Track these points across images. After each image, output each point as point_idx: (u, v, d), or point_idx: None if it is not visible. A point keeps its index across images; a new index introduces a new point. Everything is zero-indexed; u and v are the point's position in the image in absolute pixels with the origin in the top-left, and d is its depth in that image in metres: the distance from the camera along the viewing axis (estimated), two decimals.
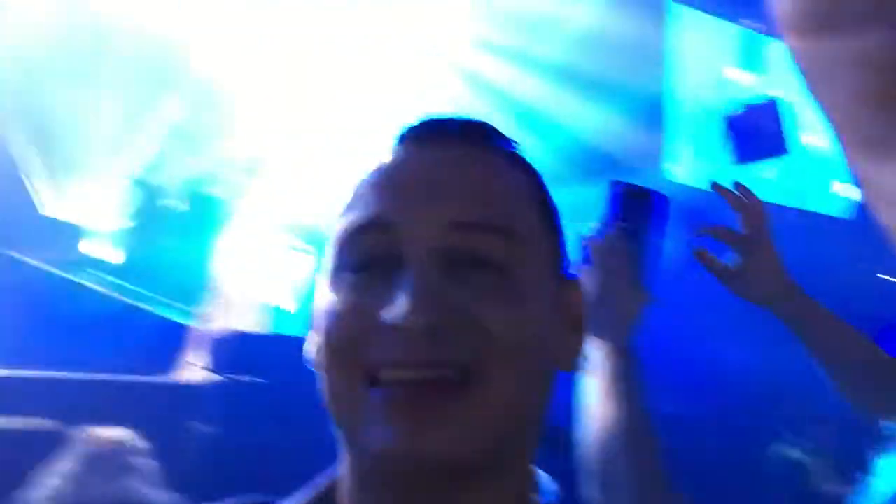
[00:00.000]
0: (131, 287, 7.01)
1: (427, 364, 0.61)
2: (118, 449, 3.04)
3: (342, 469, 0.69)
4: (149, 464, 3.07)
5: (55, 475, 3.01)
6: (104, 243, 7.56)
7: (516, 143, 0.73)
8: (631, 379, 1.24)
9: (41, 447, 3.80)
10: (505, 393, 0.62)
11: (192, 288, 6.58)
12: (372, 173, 0.69)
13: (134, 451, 3.07)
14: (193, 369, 5.36)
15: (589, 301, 1.27)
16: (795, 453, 4.58)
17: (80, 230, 7.71)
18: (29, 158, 7.49)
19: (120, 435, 3.11)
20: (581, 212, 1.32)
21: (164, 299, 6.86)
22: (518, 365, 0.63)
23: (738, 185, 1.36)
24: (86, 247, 7.48)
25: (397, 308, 0.61)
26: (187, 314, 6.31)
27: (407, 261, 0.63)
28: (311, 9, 6.81)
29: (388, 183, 0.67)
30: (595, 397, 1.23)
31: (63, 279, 6.81)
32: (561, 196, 0.71)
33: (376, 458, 0.63)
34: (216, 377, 4.85)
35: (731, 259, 1.34)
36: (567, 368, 0.70)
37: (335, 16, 6.96)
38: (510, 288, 0.64)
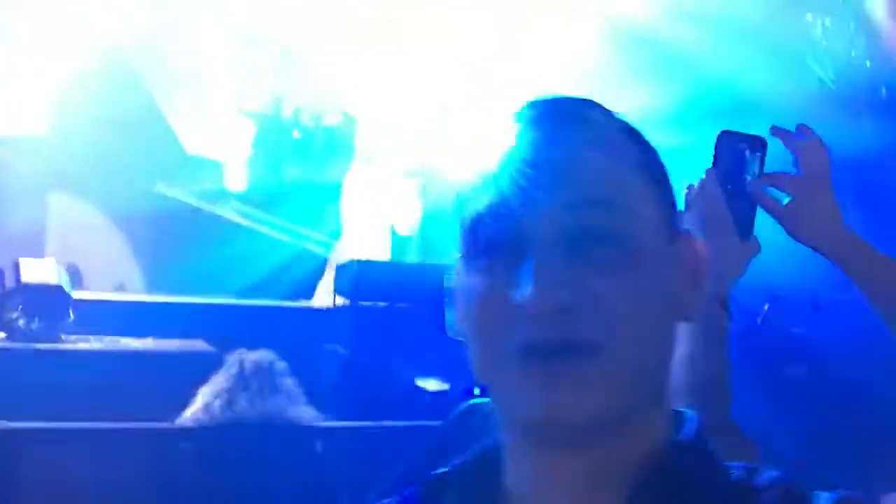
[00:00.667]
0: (269, 218, 7.49)
1: (557, 339, 0.67)
2: (264, 370, 3.40)
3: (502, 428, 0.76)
4: (291, 383, 3.42)
5: (208, 393, 3.40)
6: (240, 176, 8.06)
7: (621, 116, 0.78)
8: (710, 326, 1.22)
9: (188, 367, 4.28)
10: (631, 358, 0.69)
11: (323, 216, 6.98)
12: (488, 158, 0.75)
13: (278, 371, 3.42)
14: (325, 295, 5.80)
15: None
16: None
17: (219, 165, 8.27)
18: (169, 100, 8.04)
19: (265, 356, 3.46)
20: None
21: (299, 228, 7.33)
22: (642, 331, 0.69)
23: (800, 126, 1.35)
24: (225, 180, 8.00)
25: (525, 290, 0.67)
26: (320, 243, 6.72)
27: (530, 243, 0.69)
28: None
29: (503, 168, 0.73)
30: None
31: (205, 211, 7.35)
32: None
33: (521, 424, 0.71)
34: (345, 302, 5.23)
35: (787, 199, 1.33)
36: (690, 320, 0.76)
37: None
38: (629, 259, 0.69)
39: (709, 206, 1.28)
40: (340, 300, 5.19)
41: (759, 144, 1.29)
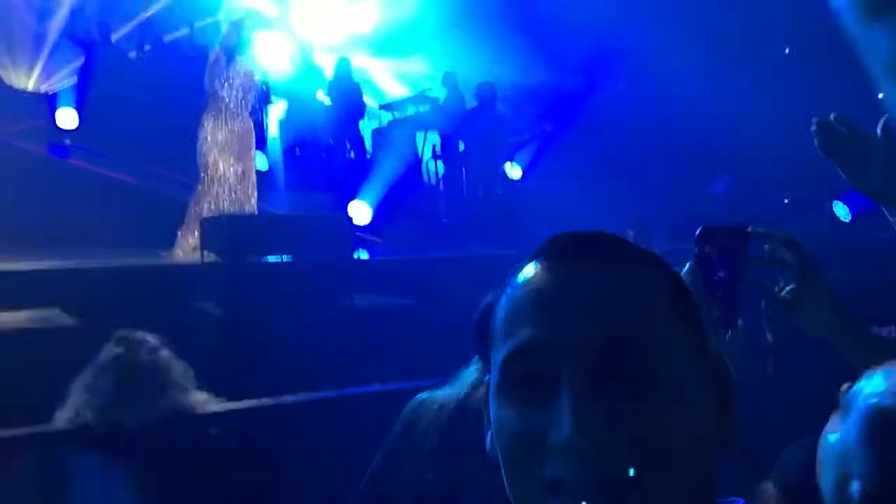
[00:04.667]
0: (106, 156, 6.87)
1: (594, 476, 0.68)
2: (150, 365, 3.06)
3: None
4: (180, 368, 3.12)
5: (83, 392, 3.03)
6: (69, 111, 7.31)
7: (646, 250, 0.80)
8: None
9: (48, 346, 3.87)
10: (670, 489, 0.70)
11: (173, 153, 6.47)
12: (521, 295, 0.77)
13: (163, 361, 3.10)
14: (186, 249, 5.40)
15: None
16: None
17: (46, 99, 7.49)
18: None
19: (147, 348, 3.12)
20: None
21: (143, 166, 6.77)
22: (681, 460, 0.71)
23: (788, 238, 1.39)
24: (57, 116, 7.24)
25: (562, 430, 0.69)
26: (172, 183, 6.23)
27: (565, 380, 0.71)
28: None
29: (537, 306, 0.75)
30: None
31: (40, 154, 6.65)
32: None
33: None
34: (213, 258, 4.88)
35: (787, 289, 1.39)
36: (725, 441, 0.77)
37: None
38: (661, 392, 0.71)
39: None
40: (211, 255, 4.82)
41: (740, 236, 1.33)
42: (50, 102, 7.46)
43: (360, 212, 7.38)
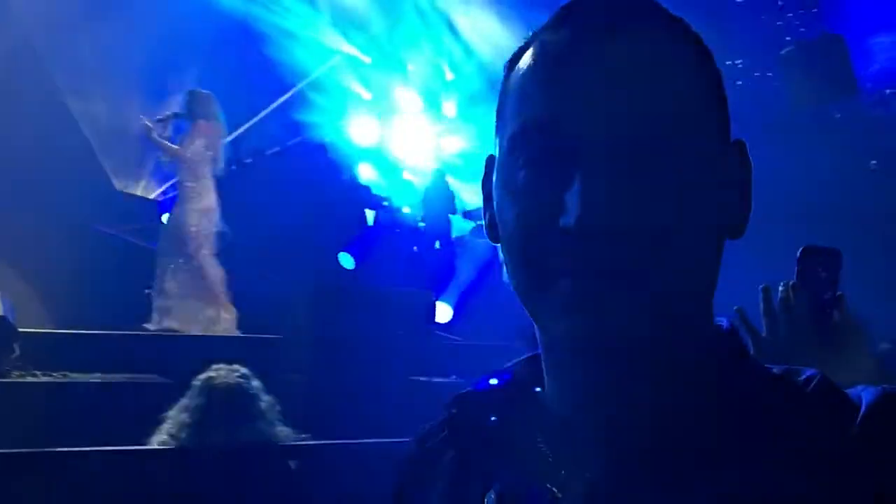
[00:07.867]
0: None
1: (601, 264, 0.64)
2: (235, 394, 3.27)
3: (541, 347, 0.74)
4: (268, 402, 3.32)
5: (175, 419, 3.25)
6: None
7: (683, 22, 0.71)
8: None
9: (144, 399, 4.16)
10: (678, 282, 0.65)
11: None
12: (535, 67, 0.68)
13: (250, 393, 3.30)
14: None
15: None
16: None
17: (149, 202, 8.13)
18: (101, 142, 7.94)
19: (235, 378, 3.33)
20: None
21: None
22: (690, 255, 0.65)
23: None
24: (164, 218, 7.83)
25: (571, 214, 0.63)
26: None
27: (579, 159, 0.64)
28: None
29: (554, 77, 0.67)
30: None
31: (143, 248, 7.19)
32: None
33: (563, 344, 0.68)
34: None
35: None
36: (735, 236, 0.71)
37: None
38: (680, 176, 0.64)
39: (797, 326, 1.30)
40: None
41: (836, 258, 1.29)
42: (160, 207, 8.09)
43: (442, 311, 7.67)
